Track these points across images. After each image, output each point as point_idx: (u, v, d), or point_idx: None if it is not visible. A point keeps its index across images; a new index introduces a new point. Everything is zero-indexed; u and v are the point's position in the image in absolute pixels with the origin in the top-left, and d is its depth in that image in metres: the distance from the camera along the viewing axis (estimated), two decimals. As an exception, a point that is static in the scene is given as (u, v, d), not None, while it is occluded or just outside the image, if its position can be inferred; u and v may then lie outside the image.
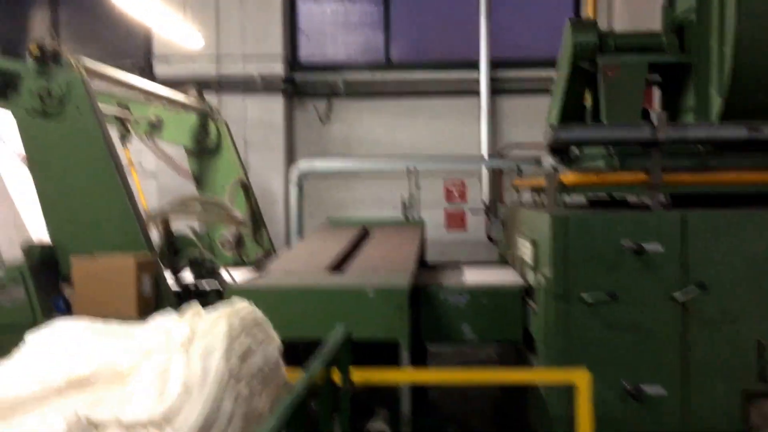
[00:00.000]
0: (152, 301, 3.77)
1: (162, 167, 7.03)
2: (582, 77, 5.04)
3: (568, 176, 3.79)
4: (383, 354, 3.82)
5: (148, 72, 8.37)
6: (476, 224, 8.52)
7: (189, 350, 2.44)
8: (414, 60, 8.81)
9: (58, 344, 2.57)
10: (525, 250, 4.36)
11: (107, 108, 5.93)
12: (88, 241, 3.80)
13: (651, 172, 3.54)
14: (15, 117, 3.80)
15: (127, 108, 6.24)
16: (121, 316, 3.59)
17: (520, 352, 4.36)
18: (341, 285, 3.58)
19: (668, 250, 3.38)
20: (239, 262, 6.03)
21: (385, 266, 4.22)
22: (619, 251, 3.41)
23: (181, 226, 6.02)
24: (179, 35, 7.09)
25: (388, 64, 8.80)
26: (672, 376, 3.40)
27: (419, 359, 4.61)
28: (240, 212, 6.20)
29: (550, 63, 8.33)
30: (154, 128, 6.33)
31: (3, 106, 3.89)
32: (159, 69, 8.34)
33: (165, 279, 3.94)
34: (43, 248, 3.74)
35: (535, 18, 8.81)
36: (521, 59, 8.68)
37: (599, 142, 3.88)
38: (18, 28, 8.77)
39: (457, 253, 8.31)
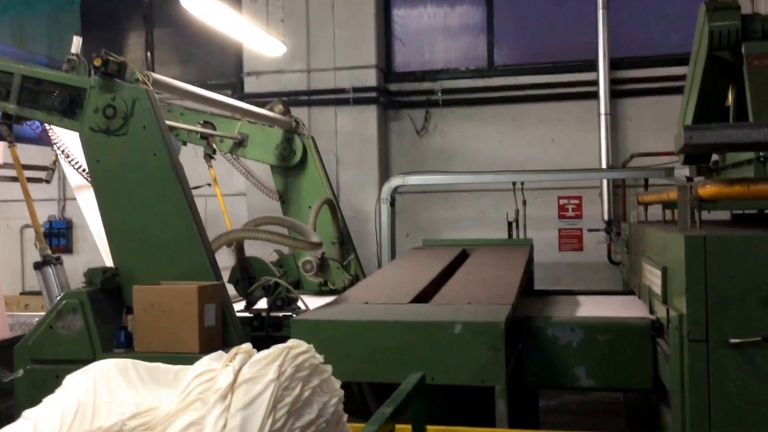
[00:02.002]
0: (217, 332, 3.57)
1: (251, 186, 6.99)
2: (721, 70, 4.46)
3: (707, 187, 3.22)
4: (479, 400, 3.41)
5: (239, 89, 8.47)
6: (594, 245, 7.86)
7: (230, 401, 2.16)
8: (521, 63, 8.34)
9: (93, 389, 2.37)
10: (652, 277, 3.80)
11: (192, 126, 5.96)
12: (153, 267, 3.67)
13: (817, 181, 2.91)
14: (80, 137, 3.75)
15: (212, 125, 6.23)
16: (183, 348, 3.43)
17: (650, 402, 3.79)
18: (422, 318, 3.21)
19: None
20: (326, 290, 5.81)
21: (480, 295, 3.80)
22: (775, 281, 2.81)
23: (268, 249, 5.93)
24: (268, 48, 7.06)
25: (491, 69, 8.38)
26: None
27: (524, 408, 4.14)
28: (323, 234, 6.00)
29: (680, 59, 7.69)
30: (239, 145, 6.28)
31: (69, 127, 3.86)
32: (249, 85, 8.39)
33: (232, 308, 3.74)
34: (106, 273, 3.64)
35: (660, 8, 8.10)
36: (645, 56, 8.01)
37: (746, 145, 3.28)
38: (113, 49, 9.15)
39: (571, 278, 7.69)
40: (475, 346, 3.08)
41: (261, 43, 6.85)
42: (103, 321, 3.55)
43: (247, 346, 2.39)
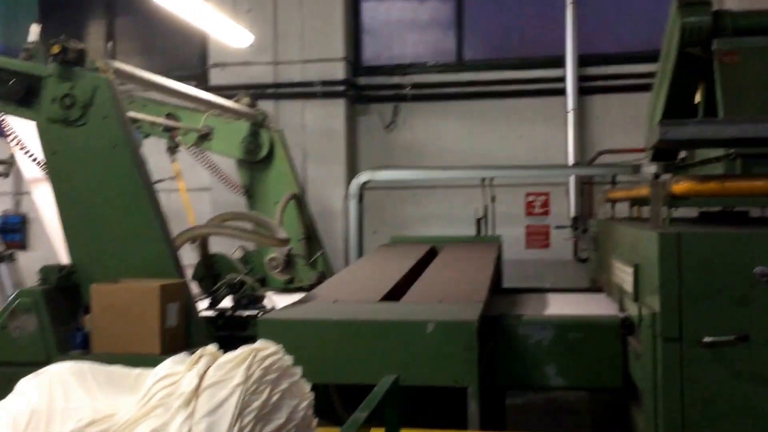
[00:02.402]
0: (180, 333, 3.44)
1: (216, 180, 6.83)
2: (692, 67, 4.47)
3: (681, 184, 3.20)
4: (447, 401, 3.35)
5: (204, 81, 8.27)
6: (561, 242, 7.87)
7: (194, 407, 2.05)
8: (490, 58, 8.30)
9: (47, 394, 2.24)
10: (623, 275, 3.77)
11: (155, 118, 5.78)
12: (112, 265, 3.52)
13: (792, 179, 2.91)
14: (37, 127, 3.57)
15: (176, 117, 6.06)
16: (144, 350, 3.29)
17: (619, 402, 3.77)
18: (394, 317, 3.13)
19: (817, 279, 2.74)
20: (292, 287, 5.70)
21: (451, 294, 3.74)
22: (750, 280, 2.80)
23: (233, 246, 5.78)
24: (234, 39, 6.88)
25: (460, 64, 8.33)
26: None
27: (494, 408, 4.09)
28: (290, 230, 5.88)
29: (647, 57, 7.73)
30: (203, 138, 6.11)
31: (26, 116, 3.68)
32: (214, 77, 8.21)
33: (196, 308, 3.61)
34: (62, 271, 3.48)
35: (628, 6, 8.15)
36: (613, 53, 8.04)
37: (722, 141, 3.28)
38: (73, 38, 8.85)
39: (539, 275, 7.69)
40: (447, 346, 3.01)
41: (227, 33, 6.68)
42: (59, 321, 3.39)
43: (212, 347, 2.29)
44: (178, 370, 2.19)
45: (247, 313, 4.07)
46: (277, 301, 4.61)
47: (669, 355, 2.89)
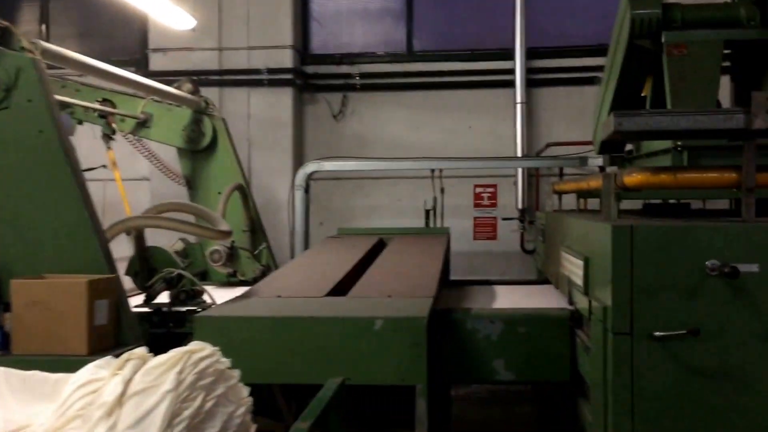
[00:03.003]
0: (110, 331, 3.20)
1: (155, 170, 6.52)
2: (641, 60, 4.44)
3: (633, 176, 3.13)
4: (394, 396, 3.21)
5: (144, 66, 7.90)
6: (508, 234, 7.84)
7: (117, 418, 1.85)
8: (439, 49, 8.19)
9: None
10: (572, 267, 3.70)
11: (89, 104, 5.45)
12: (36, 259, 3.25)
13: (744, 172, 2.85)
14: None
15: (112, 103, 5.73)
16: (69, 350, 3.05)
17: (566, 395, 3.71)
18: (340, 313, 2.97)
19: (767, 273, 2.70)
20: (235, 281, 5.47)
21: (399, 288, 3.60)
22: (701, 273, 2.74)
23: (173, 238, 5.50)
24: (175, 21, 6.57)
25: (410, 54, 8.19)
26: (771, 435, 2.72)
27: (440, 400, 3.98)
28: (233, 222, 5.65)
29: (593, 51, 7.76)
30: (142, 125, 5.81)
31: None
32: (155, 62, 7.85)
33: (127, 304, 3.37)
34: (-20, 266, 3.19)
35: (576, 0, 8.15)
36: (561, 47, 8.03)
37: (676, 132, 3.21)
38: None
39: (486, 266, 7.66)
40: (396, 343, 2.87)
41: (168, 15, 6.36)
42: (-23, 320, 3.10)
43: (141, 350, 2.09)
44: (101, 376, 1.99)
45: (185, 308, 3.85)
46: (217, 295, 4.41)
47: (619, 349, 2.81)
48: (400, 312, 2.96)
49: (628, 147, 5.16)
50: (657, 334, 2.72)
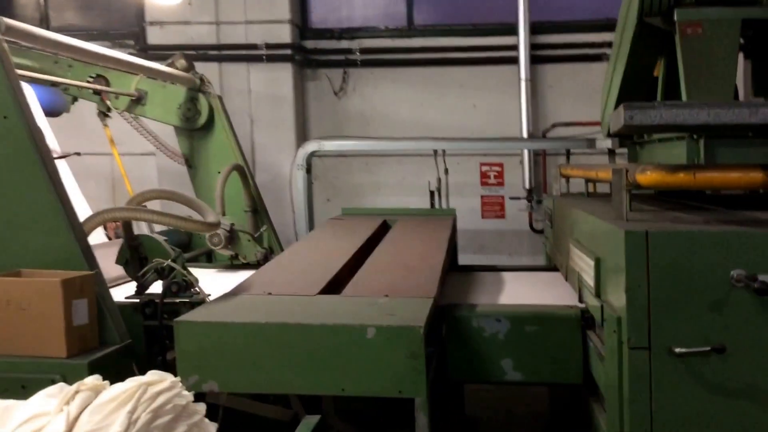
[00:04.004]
0: (91, 330, 2.91)
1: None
2: (651, 39, 4.08)
3: (647, 174, 2.78)
4: (396, 406, 2.93)
5: (142, 39, 7.51)
6: (516, 213, 7.51)
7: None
8: (441, 24, 7.75)
9: None
10: (582, 264, 3.38)
11: (81, 82, 5.11)
12: (10, 253, 2.95)
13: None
14: None
15: (106, 79, 5.37)
16: (49, 352, 2.77)
17: (579, 397, 3.42)
18: (330, 319, 2.66)
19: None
20: (238, 263, 5.19)
21: (399, 284, 3.29)
22: (726, 284, 2.41)
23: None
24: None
25: (411, 29, 7.75)
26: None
27: (450, 403, 3.72)
28: (234, 203, 5.35)
29: (602, 26, 7.33)
30: (136, 103, 5.45)
31: None
32: (152, 36, 7.45)
33: (111, 300, 3.07)
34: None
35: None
36: (566, 21, 7.60)
37: (694, 127, 2.86)
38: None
39: (494, 245, 7.36)
40: (390, 353, 2.57)
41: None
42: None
43: (93, 379, 1.77)
44: (46, 411, 1.69)
45: (177, 300, 3.56)
46: (217, 281, 4.13)
47: (636, 364, 2.50)
48: (395, 319, 2.65)
49: (639, 129, 4.79)
50: (678, 350, 2.41)
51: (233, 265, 5.19)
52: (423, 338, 2.57)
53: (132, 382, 1.68)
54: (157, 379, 1.71)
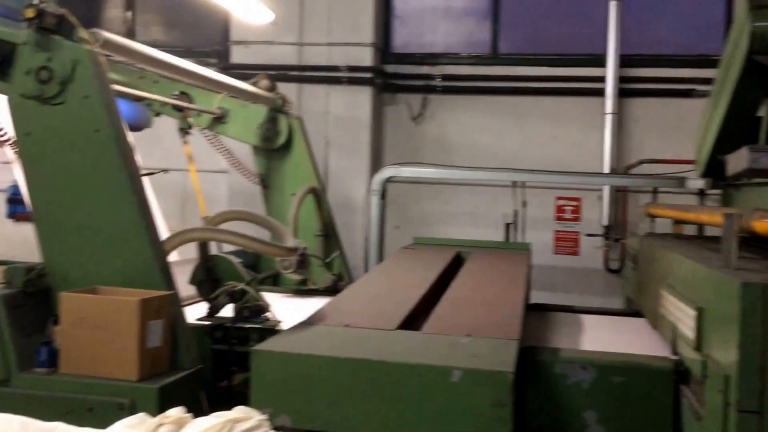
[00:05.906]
0: (164, 354, 2.86)
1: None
2: (758, 77, 3.88)
3: (765, 222, 2.53)
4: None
5: (225, 58, 7.66)
6: (591, 251, 7.20)
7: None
8: (525, 53, 7.59)
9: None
10: (679, 314, 3.13)
11: (164, 97, 5.20)
12: (90, 268, 2.94)
13: None
14: (8, 102, 2.98)
15: (189, 96, 5.46)
16: (120, 374, 2.72)
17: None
18: (413, 358, 2.52)
19: None
20: (305, 289, 5.11)
21: (480, 322, 3.12)
22: None
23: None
24: (253, 14, 6.23)
25: (494, 57, 7.62)
26: None
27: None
28: (306, 226, 5.30)
29: (694, 61, 7.03)
30: (218, 121, 5.52)
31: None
32: (236, 54, 7.57)
33: (185, 325, 3.02)
34: (30, 273, 2.90)
35: (675, 6, 7.39)
36: (656, 55, 7.32)
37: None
38: (90, 6, 8.23)
39: (567, 283, 7.05)
40: (475, 399, 2.40)
41: (246, 8, 6.03)
42: (23, 332, 2.81)
43: (177, 411, 1.69)
44: (126, 443, 1.61)
45: (248, 326, 3.50)
46: (286, 307, 4.06)
47: (745, 428, 2.26)
48: (482, 362, 2.48)
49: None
50: (800, 420, 2.16)
51: (301, 290, 5.12)
52: (511, 386, 2.39)
53: (218, 419, 1.59)
54: (244, 417, 1.61)
